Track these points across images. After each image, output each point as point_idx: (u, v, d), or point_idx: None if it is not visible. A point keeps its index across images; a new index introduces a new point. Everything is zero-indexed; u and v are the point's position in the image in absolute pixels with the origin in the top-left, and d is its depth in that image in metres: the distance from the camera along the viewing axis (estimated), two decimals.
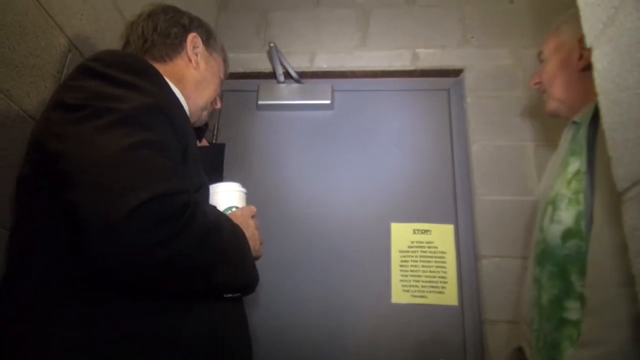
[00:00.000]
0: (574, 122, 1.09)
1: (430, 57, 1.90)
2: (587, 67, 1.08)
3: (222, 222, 0.86)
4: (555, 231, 1.00)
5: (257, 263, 0.99)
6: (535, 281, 1.06)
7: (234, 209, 1.01)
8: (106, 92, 0.78)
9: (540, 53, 1.26)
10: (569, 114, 1.15)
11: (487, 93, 1.81)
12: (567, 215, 0.98)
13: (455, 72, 1.89)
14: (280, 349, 1.59)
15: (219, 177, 1.26)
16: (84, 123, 0.73)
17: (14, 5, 0.92)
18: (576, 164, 0.99)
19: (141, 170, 0.69)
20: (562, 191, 1.01)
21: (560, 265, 0.98)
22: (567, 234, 0.97)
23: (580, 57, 1.11)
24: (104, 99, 0.76)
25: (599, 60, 0.61)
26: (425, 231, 1.69)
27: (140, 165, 0.69)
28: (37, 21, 1.00)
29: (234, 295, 0.90)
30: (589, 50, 0.84)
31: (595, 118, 0.96)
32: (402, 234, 1.70)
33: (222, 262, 0.82)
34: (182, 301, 0.80)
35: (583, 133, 1.00)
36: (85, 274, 0.74)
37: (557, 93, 1.17)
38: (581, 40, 1.11)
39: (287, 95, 1.94)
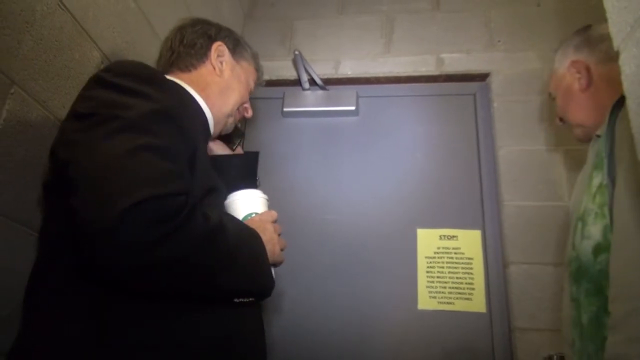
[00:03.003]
0: (597, 136, 1.08)
1: (455, 62, 1.89)
2: (588, 86, 1.13)
3: (227, 225, 0.84)
4: (586, 247, 0.98)
5: (281, 269, 0.99)
6: (573, 300, 1.03)
7: (253, 215, 1.01)
8: (114, 100, 0.80)
9: (550, 94, 1.30)
10: (595, 132, 1.14)
11: (514, 97, 1.78)
12: (595, 230, 0.96)
13: (481, 77, 1.88)
14: (305, 357, 1.59)
15: (253, 185, 1.27)
16: (91, 130, 0.76)
17: (50, 21, 0.97)
18: (599, 177, 0.98)
19: (138, 173, 0.70)
20: (589, 206, 1.00)
21: (595, 281, 0.95)
22: (598, 249, 0.95)
23: (579, 79, 1.15)
24: (112, 107, 0.79)
25: (626, 64, 0.60)
26: (452, 237, 1.67)
27: (137, 168, 0.71)
28: (72, 35, 1.04)
29: (247, 300, 0.89)
30: (580, 71, 0.84)
31: (610, 128, 0.96)
32: (428, 239, 1.68)
33: (227, 265, 0.81)
34: (193, 306, 0.81)
35: (603, 145, 0.99)
36: (92, 277, 0.76)
37: (575, 119, 1.19)
38: (572, 63, 1.15)
39: (312, 102, 1.96)
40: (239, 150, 1.31)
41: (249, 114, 1.25)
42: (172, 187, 0.72)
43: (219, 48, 1.13)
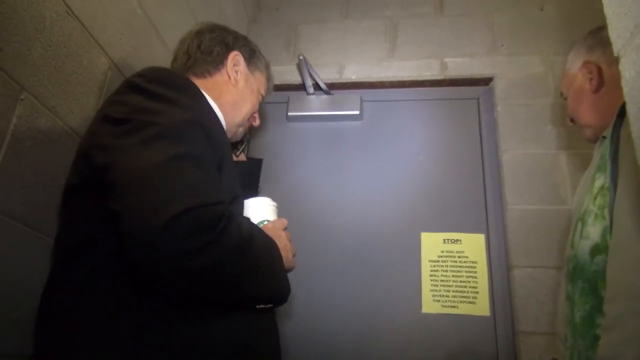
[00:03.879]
0: (604, 137, 1.09)
1: (459, 66, 1.90)
2: (599, 87, 1.13)
3: (255, 233, 0.88)
4: (584, 247, 1.00)
5: (290, 274, 1.01)
6: (568, 298, 1.05)
7: (266, 222, 1.03)
8: (148, 106, 0.83)
9: (561, 94, 1.30)
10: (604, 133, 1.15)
11: (517, 101, 1.79)
12: (594, 231, 0.98)
13: (485, 81, 1.89)
14: (310, 359, 1.60)
15: (254, 191, 1.29)
16: (127, 136, 0.78)
17: (59, 28, 0.99)
18: (601, 179, 1.00)
19: (178, 182, 0.72)
20: (589, 207, 1.01)
21: (590, 281, 0.97)
22: (595, 250, 0.97)
23: (591, 80, 1.15)
24: (146, 113, 0.81)
25: (626, 69, 0.61)
26: (456, 241, 1.68)
27: (177, 177, 0.73)
28: (81, 42, 1.06)
29: (266, 307, 0.92)
30: (592, 72, 0.85)
31: (615, 130, 0.97)
32: (432, 243, 1.69)
33: (254, 273, 0.84)
34: (216, 311, 0.83)
35: (607, 147, 0.99)
36: (124, 282, 0.77)
37: (585, 120, 1.19)
38: (584, 64, 1.15)
39: (317, 106, 1.97)
40: (242, 157, 1.33)
41: (257, 122, 1.27)
42: (210, 196, 0.75)
43: (235, 57, 1.14)
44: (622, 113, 1.00)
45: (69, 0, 1.00)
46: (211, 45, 1.13)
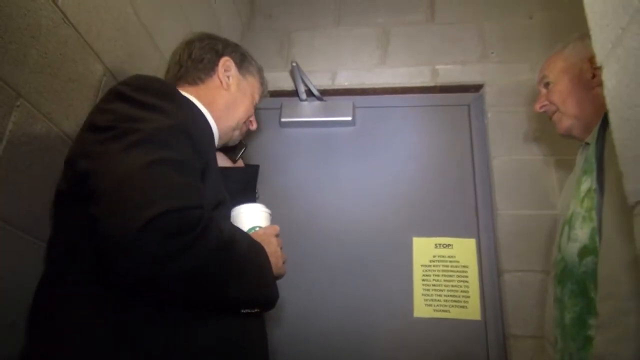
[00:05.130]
0: (586, 144, 1.11)
1: (450, 73, 1.93)
2: (601, 85, 1.12)
3: (237, 237, 0.89)
4: (572, 249, 1.01)
5: (282, 279, 1.02)
6: (556, 301, 1.06)
7: (257, 229, 1.04)
8: (132, 114, 0.84)
9: (543, 77, 1.28)
10: (582, 132, 1.17)
11: (507, 108, 1.82)
12: (582, 233, 0.99)
13: (476, 88, 1.91)
14: None
15: (252, 197, 1.30)
16: (110, 143, 0.79)
17: (55, 35, 0.99)
18: (588, 182, 1.01)
19: (157, 186, 0.73)
20: (576, 210, 1.03)
21: (579, 283, 0.98)
22: (584, 251, 0.98)
23: (593, 76, 1.14)
24: (130, 120, 0.82)
25: (608, 79, 0.63)
26: (447, 245, 1.70)
27: (156, 181, 0.74)
28: (76, 49, 1.07)
29: (253, 311, 0.92)
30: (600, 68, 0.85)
31: (600, 136, 0.99)
32: (423, 248, 1.71)
33: (237, 277, 0.85)
34: (201, 314, 0.83)
35: (592, 152, 1.01)
36: (109, 286, 0.78)
37: (572, 110, 1.19)
38: (591, 59, 1.14)
39: (309, 112, 1.99)
40: (239, 163, 1.34)
41: (254, 126, 1.29)
42: (190, 200, 0.75)
43: (226, 63, 1.16)
44: (605, 119, 1.02)
45: (64, 7, 1.01)
46: (201, 53, 1.15)
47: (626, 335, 0.79)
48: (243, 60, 1.22)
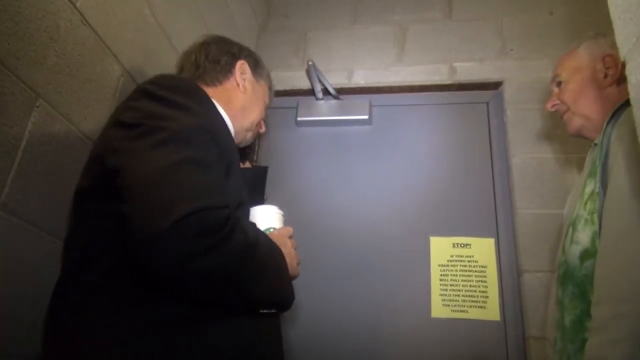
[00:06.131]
0: (594, 144, 1.10)
1: (468, 71, 1.90)
2: (612, 83, 1.11)
3: (260, 238, 0.90)
4: (574, 252, 1.01)
5: (296, 279, 1.02)
6: (558, 302, 1.06)
7: (272, 230, 1.05)
8: (159, 112, 0.85)
9: (556, 76, 1.26)
10: (593, 133, 1.16)
11: (527, 105, 1.79)
12: (583, 236, 0.99)
13: (494, 85, 1.88)
14: None
15: (260, 199, 1.31)
16: (138, 140, 0.81)
17: (74, 36, 1.01)
18: (592, 185, 1.01)
19: (185, 186, 0.74)
20: (580, 212, 1.03)
21: (580, 285, 0.98)
22: (585, 255, 0.98)
23: (605, 75, 1.13)
24: (157, 118, 0.83)
25: (632, 73, 0.61)
26: (465, 245, 1.67)
27: (185, 180, 0.75)
28: (94, 49, 1.08)
29: (270, 311, 0.93)
30: (615, 67, 0.84)
31: (605, 136, 0.98)
32: (441, 248, 1.69)
33: (259, 278, 0.85)
34: (219, 315, 0.84)
35: (597, 153, 1.00)
36: (131, 286, 0.79)
37: (583, 110, 1.17)
38: (605, 58, 1.12)
39: (326, 111, 1.99)
40: (247, 165, 1.35)
41: (263, 129, 1.31)
42: (217, 200, 0.77)
43: (242, 66, 1.18)
44: (611, 119, 1.01)
45: (83, 9, 1.03)
46: (218, 55, 1.17)
47: (617, 339, 0.79)
48: (257, 65, 1.24)
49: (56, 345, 0.82)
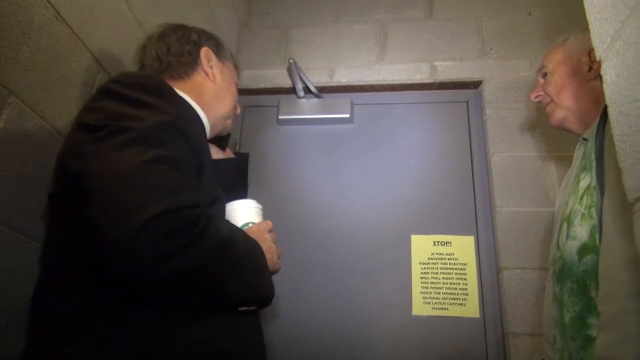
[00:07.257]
0: (584, 139, 1.10)
1: (448, 70, 1.92)
2: (597, 78, 1.11)
3: (235, 235, 0.88)
4: (571, 247, 1.00)
5: (277, 275, 1.01)
6: (555, 300, 1.05)
7: (250, 225, 1.03)
8: (124, 112, 0.82)
9: (542, 67, 1.27)
10: (575, 125, 1.16)
11: (506, 104, 1.81)
12: (581, 231, 0.97)
13: (474, 84, 1.90)
14: None
15: (244, 187, 1.29)
16: (103, 142, 0.77)
17: (47, 32, 0.98)
18: (587, 179, 1.00)
19: (154, 186, 0.72)
20: (575, 207, 1.01)
21: (579, 281, 0.96)
22: (583, 250, 0.96)
23: (590, 68, 1.13)
24: (122, 118, 0.80)
25: (607, 73, 0.62)
26: (446, 243, 1.69)
27: (153, 180, 0.72)
28: (69, 46, 1.06)
29: (250, 309, 0.91)
30: (599, 62, 0.84)
31: (600, 131, 0.97)
32: (422, 245, 1.70)
33: (236, 275, 0.84)
34: (197, 314, 0.82)
35: (591, 148, 1.00)
36: (106, 288, 0.77)
37: (566, 102, 1.18)
38: (590, 52, 1.12)
39: (307, 109, 1.98)
40: (228, 153, 1.33)
41: (238, 110, 1.27)
42: (187, 199, 0.74)
43: (207, 53, 1.14)
44: (604, 114, 1.01)
45: (57, 4, 1.00)
46: (180, 46, 1.12)
47: (627, 337, 0.78)
48: (219, 47, 1.20)
49: (35, 349, 0.80)
